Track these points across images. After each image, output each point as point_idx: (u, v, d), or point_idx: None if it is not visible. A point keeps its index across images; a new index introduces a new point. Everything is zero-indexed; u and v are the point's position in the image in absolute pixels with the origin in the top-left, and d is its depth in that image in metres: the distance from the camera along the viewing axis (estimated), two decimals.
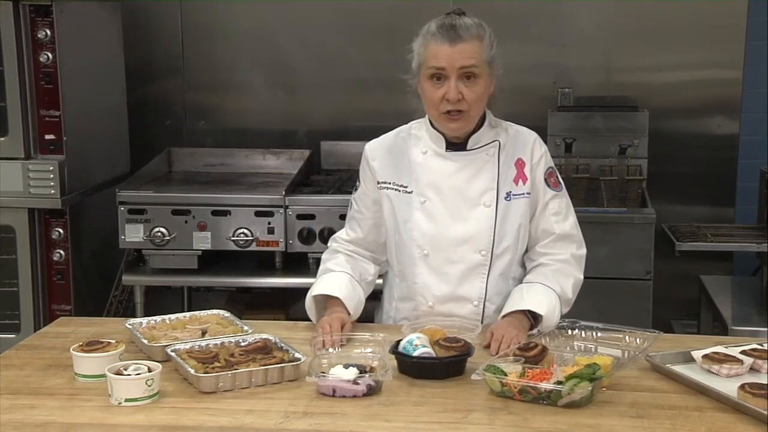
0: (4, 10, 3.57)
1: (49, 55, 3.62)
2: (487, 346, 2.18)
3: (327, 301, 2.40)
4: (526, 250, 2.46)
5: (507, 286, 2.40)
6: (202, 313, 2.41)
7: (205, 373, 1.96)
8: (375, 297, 2.59)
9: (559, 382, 1.88)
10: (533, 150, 2.44)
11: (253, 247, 3.72)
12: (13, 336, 3.62)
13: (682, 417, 1.84)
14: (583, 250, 2.49)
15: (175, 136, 4.46)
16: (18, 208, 3.70)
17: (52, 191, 3.67)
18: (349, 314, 2.36)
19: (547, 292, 2.34)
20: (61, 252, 3.76)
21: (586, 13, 4.28)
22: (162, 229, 3.72)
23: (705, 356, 2.06)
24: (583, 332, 2.23)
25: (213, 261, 3.83)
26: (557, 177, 2.47)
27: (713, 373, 2.02)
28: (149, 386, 1.90)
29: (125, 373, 1.91)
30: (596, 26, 4.29)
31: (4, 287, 3.76)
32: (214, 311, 2.43)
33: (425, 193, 2.39)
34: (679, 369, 2.04)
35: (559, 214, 2.43)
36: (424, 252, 2.39)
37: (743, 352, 2.08)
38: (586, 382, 1.87)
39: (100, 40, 4.08)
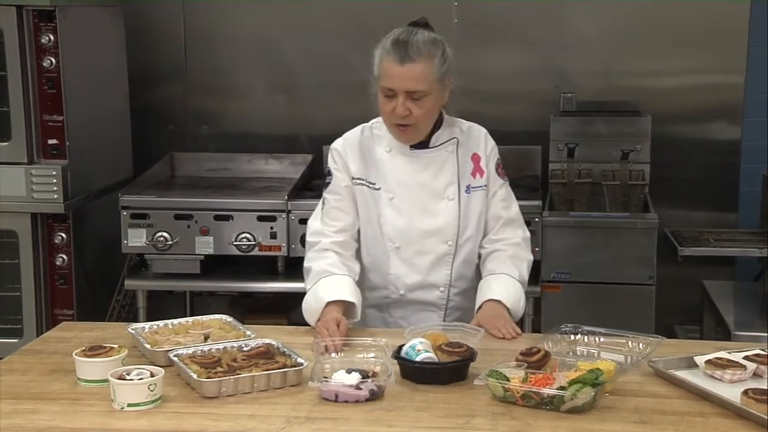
0: (7, 16, 3.58)
1: (52, 59, 3.63)
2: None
3: (324, 304, 2.42)
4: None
5: (469, 271, 2.57)
6: (205, 317, 2.40)
7: (207, 378, 1.96)
8: None
9: (562, 388, 1.87)
10: (486, 144, 2.59)
11: (256, 252, 3.72)
12: (16, 340, 3.62)
13: (685, 422, 1.83)
14: (528, 233, 2.67)
15: (178, 141, 4.46)
16: (21, 212, 3.71)
17: (55, 196, 3.68)
18: (347, 315, 2.39)
19: (513, 283, 2.52)
20: (64, 257, 3.76)
21: (589, 17, 4.29)
22: (164, 234, 3.73)
23: (708, 362, 2.06)
24: (585, 337, 2.23)
25: (215, 266, 3.84)
26: (502, 167, 2.64)
27: (716, 378, 2.02)
28: (152, 391, 1.90)
29: (128, 378, 1.91)
30: (599, 31, 4.29)
31: (7, 292, 3.77)
32: (217, 316, 2.43)
33: (393, 190, 2.51)
34: (682, 374, 2.03)
35: (506, 201, 2.61)
36: (396, 245, 2.51)
37: (746, 358, 2.08)
38: (588, 387, 1.86)
39: (103, 45, 4.09)
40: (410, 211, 2.51)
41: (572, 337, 2.24)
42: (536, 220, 3.68)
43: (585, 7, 4.28)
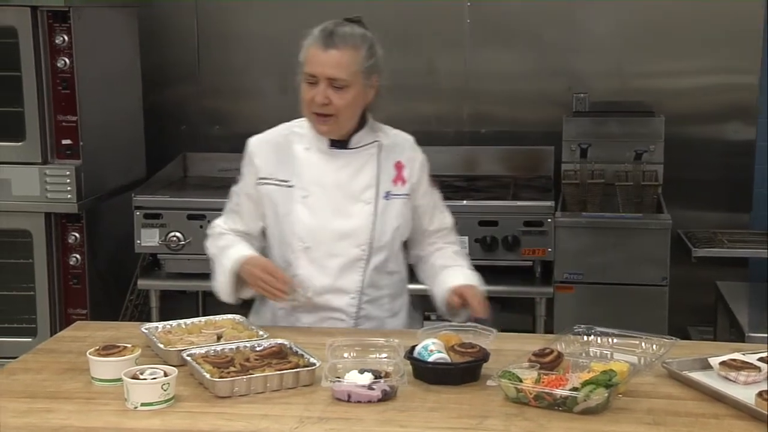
0: (22, 16, 3.60)
1: (67, 60, 3.65)
2: (453, 306, 2.41)
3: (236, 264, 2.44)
4: (417, 245, 2.62)
5: (382, 280, 2.52)
6: (218, 317, 2.41)
7: (220, 377, 1.97)
8: None
9: (575, 389, 1.87)
10: (412, 154, 2.56)
11: None
12: (30, 340, 3.64)
13: (699, 424, 1.83)
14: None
15: (191, 141, 4.47)
16: (35, 212, 3.73)
17: (69, 196, 3.70)
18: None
19: (473, 273, 2.56)
20: (78, 256, 3.78)
21: (602, 18, 4.27)
22: (177, 234, 3.74)
23: (722, 363, 2.05)
24: (598, 338, 2.22)
25: None
26: (431, 179, 2.63)
27: (731, 380, 2.01)
28: (165, 391, 1.91)
29: (141, 377, 1.92)
30: (612, 31, 4.28)
31: (21, 291, 3.79)
32: (229, 316, 2.44)
33: (308, 188, 2.47)
34: (696, 376, 2.03)
35: (444, 210, 2.64)
36: (306, 245, 2.46)
37: (761, 359, 2.07)
38: (602, 388, 1.86)
39: (116, 46, 4.10)
40: (323, 211, 2.46)
41: (585, 338, 2.23)
42: (548, 220, 3.67)
43: (598, 7, 4.27)
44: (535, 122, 4.32)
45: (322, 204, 2.46)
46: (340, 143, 2.48)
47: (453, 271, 2.54)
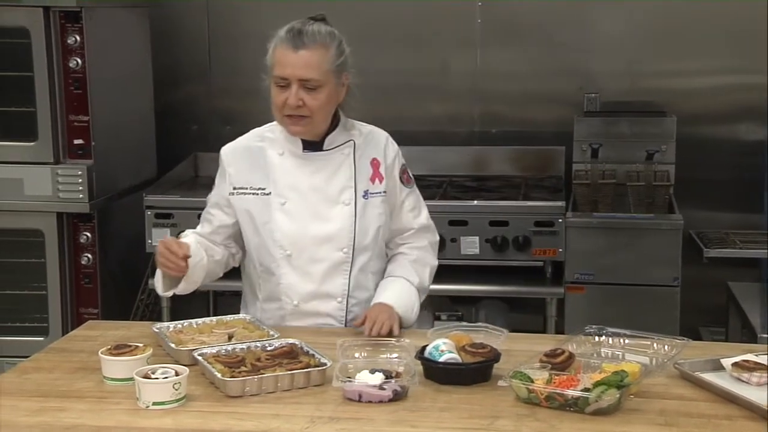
0: (34, 16, 3.61)
1: (79, 60, 3.66)
2: (359, 325, 2.34)
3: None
4: (387, 242, 2.55)
5: (367, 281, 2.48)
6: (229, 317, 2.42)
7: (231, 377, 1.97)
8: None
9: (587, 389, 1.86)
10: (386, 150, 2.51)
11: None
12: (42, 339, 3.66)
13: (711, 425, 1.82)
14: (437, 237, 2.64)
15: (201, 141, 4.48)
16: (47, 212, 3.74)
17: (81, 196, 3.71)
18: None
19: (408, 289, 2.48)
20: (89, 256, 3.79)
21: (613, 18, 4.26)
22: None
23: (735, 364, 2.04)
24: (610, 339, 2.21)
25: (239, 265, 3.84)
26: (409, 174, 2.56)
27: (743, 381, 2.00)
28: (176, 390, 1.91)
29: (153, 376, 1.92)
30: (623, 31, 4.27)
31: (33, 290, 3.81)
32: (241, 316, 2.45)
33: (285, 194, 2.42)
34: (709, 377, 2.02)
35: (415, 209, 2.55)
36: (287, 252, 2.42)
37: None
38: (613, 389, 1.85)
39: (128, 46, 4.12)
40: (302, 217, 2.41)
41: (596, 338, 2.23)
42: (559, 221, 3.67)
43: (609, 7, 4.26)
44: (546, 122, 4.31)
45: (300, 209, 2.41)
46: (313, 145, 2.43)
47: (383, 285, 2.48)
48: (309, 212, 2.42)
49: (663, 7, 4.20)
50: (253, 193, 2.44)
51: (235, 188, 2.46)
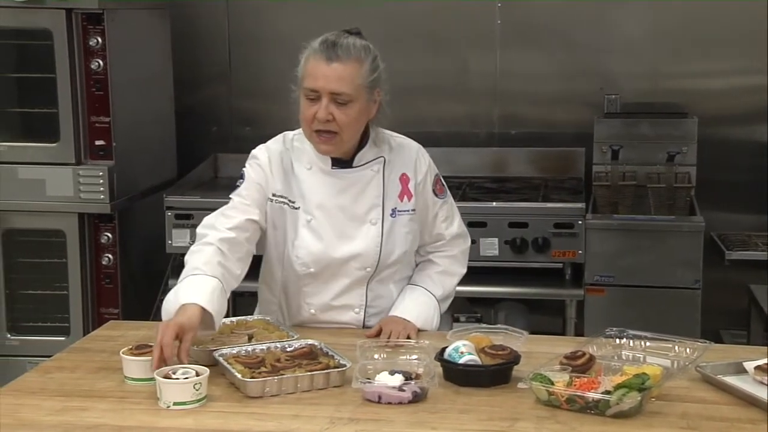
0: (57, 18, 3.64)
1: (100, 62, 3.69)
2: (372, 336, 2.32)
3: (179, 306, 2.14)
4: (417, 250, 2.52)
5: (387, 291, 2.46)
6: (249, 318, 2.43)
7: (251, 378, 1.98)
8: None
9: (608, 392, 1.85)
10: (417, 165, 2.45)
11: None
12: (63, 338, 3.69)
13: (734, 429, 1.81)
14: (468, 243, 2.60)
15: (221, 143, 4.50)
16: (68, 212, 3.77)
17: (102, 196, 3.74)
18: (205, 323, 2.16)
19: (428, 301, 2.46)
20: (110, 256, 3.82)
21: (633, 18, 4.24)
22: None
23: (757, 367, 2.02)
24: (631, 341, 2.20)
25: (258, 266, 3.85)
26: (442, 182, 2.52)
27: (765, 384, 1.98)
28: (197, 390, 1.92)
29: (173, 376, 1.93)
30: (643, 32, 4.24)
31: (55, 290, 3.84)
32: (260, 316, 2.46)
33: (311, 212, 2.37)
34: (731, 380, 2.00)
35: (447, 219, 2.52)
36: (310, 270, 2.39)
37: None
38: (635, 392, 1.84)
39: (149, 48, 4.14)
40: (328, 236, 2.36)
41: (617, 341, 2.21)
42: (579, 222, 3.65)
43: (629, 7, 4.24)
44: (566, 123, 4.30)
45: (326, 228, 2.36)
46: (342, 162, 2.37)
47: (403, 294, 2.46)
48: (335, 231, 2.37)
49: (683, 8, 4.17)
50: (288, 204, 2.38)
51: (274, 195, 2.39)
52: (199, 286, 2.19)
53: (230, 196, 2.43)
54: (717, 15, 4.15)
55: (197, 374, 1.94)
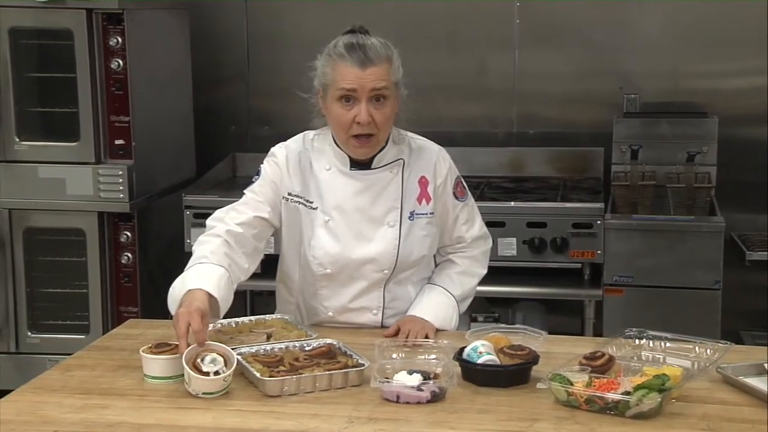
0: (77, 18, 3.67)
1: (120, 62, 3.71)
2: (390, 335, 2.31)
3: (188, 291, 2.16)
4: (437, 250, 2.51)
5: (405, 292, 2.45)
6: (268, 317, 2.44)
7: (270, 376, 1.98)
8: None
9: (627, 393, 1.84)
10: (437, 168, 2.43)
11: None
12: (83, 337, 3.71)
13: (755, 431, 1.79)
14: (490, 243, 2.60)
15: (240, 142, 4.52)
16: (88, 211, 3.79)
17: (121, 195, 3.76)
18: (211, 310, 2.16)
19: (446, 302, 2.45)
20: (129, 255, 3.84)
21: (653, 18, 4.22)
22: None
23: None
24: (650, 342, 2.19)
25: (276, 265, 3.86)
26: (462, 185, 2.50)
27: None
28: (225, 381, 1.96)
29: (200, 363, 1.95)
30: (663, 31, 4.22)
31: (75, 289, 3.86)
32: (279, 315, 2.46)
33: (329, 212, 2.37)
34: (752, 381, 1.99)
35: (468, 221, 2.50)
36: (327, 270, 2.38)
37: None
38: (655, 393, 1.83)
39: (168, 47, 4.16)
40: (345, 237, 2.35)
41: (637, 341, 2.20)
42: (598, 222, 3.64)
43: (648, 7, 4.22)
44: (585, 123, 4.28)
45: (343, 229, 2.36)
46: (361, 163, 2.37)
47: (422, 294, 2.45)
48: (352, 233, 2.36)
49: (703, 7, 4.15)
50: (304, 204, 2.38)
51: (290, 194, 2.39)
52: (206, 273, 2.22)
53: (244, 191, 2.44)
54: (737, 14, 4.12)
55: (224, 360, 1.97)
